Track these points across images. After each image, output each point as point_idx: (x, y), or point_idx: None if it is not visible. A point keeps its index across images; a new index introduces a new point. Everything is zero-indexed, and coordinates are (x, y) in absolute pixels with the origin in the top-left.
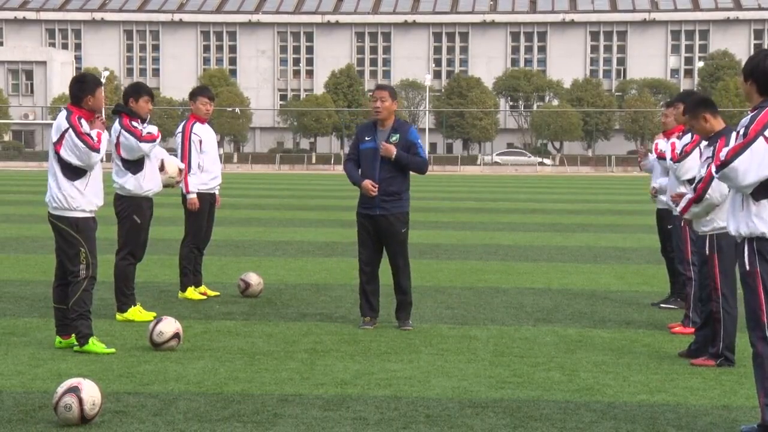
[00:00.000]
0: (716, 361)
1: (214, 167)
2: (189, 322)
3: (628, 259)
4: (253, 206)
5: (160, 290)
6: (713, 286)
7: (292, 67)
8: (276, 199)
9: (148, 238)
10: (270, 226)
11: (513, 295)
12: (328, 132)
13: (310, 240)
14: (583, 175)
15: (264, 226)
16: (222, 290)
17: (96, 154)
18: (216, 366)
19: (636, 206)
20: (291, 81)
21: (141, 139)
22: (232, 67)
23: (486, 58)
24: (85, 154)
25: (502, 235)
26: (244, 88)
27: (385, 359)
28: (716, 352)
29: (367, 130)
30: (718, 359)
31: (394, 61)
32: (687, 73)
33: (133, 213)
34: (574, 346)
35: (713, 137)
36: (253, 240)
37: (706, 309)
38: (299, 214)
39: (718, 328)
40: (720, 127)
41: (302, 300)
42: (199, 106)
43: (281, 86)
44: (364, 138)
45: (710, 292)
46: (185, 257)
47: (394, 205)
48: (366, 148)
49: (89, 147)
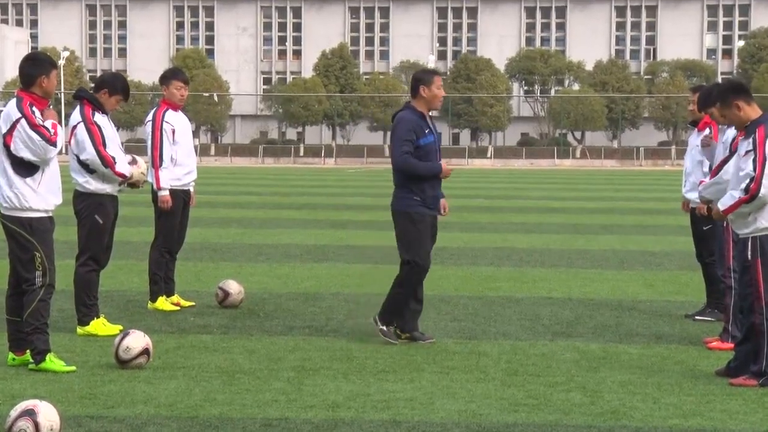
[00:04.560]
0: (758, 381)
1: (189, 160)
2: (160, 337)
3: (658, 265)
4: (232, 205)
5: (127, 300)
6: (756, 295)
7: (278, 47)
8: (259, 196)
9: (113, 241)
10: (252, 227)
11: (528, 305)
12: (318, 121)
13: (298, 243)
14: (608, 169)
15: (245, 227)
16: (197, 300)
17: (53, 149)
18: (190, 386)
19: (668, 204)
20: (276, 62)
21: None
22: (209, 47)
23: (497, 37)
24: (41, 148)
25: (515, 237)
26: (222, 70)
27: (383, 378)
28: (759, 370)
29: (422, 121)
30: (761, 378)
31: (393, 40)
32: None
33: (95, 212)
34: (598, 363)
35: (750, 126)
36: (233, 243)
37: (748, 321)
38: (285, 214)
39: (762, 342)
40: (756, 114)
41: (288, 311)
42: (173, 90)
43: (265, 68)
44: (423, 131)
45: (752, 302)
46: (155, 263)
47: None
48: (428, 143)
49: (46, 140)
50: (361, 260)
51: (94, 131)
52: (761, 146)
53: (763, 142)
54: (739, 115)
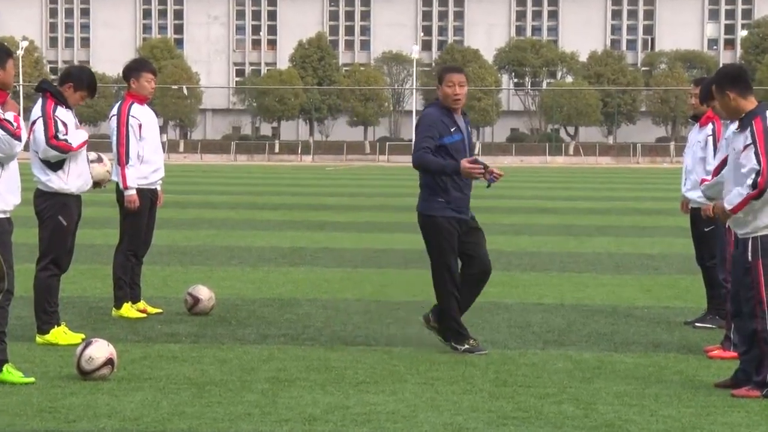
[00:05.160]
0: (762, 392)
1: (156, 157)
2: (125, 346)
3: (656, 269)
4: (203, 204)
5: (90, 307)
6: (758, 299)
7: (251, 37)
8: (231, 196)
9: (74, 243)
10: (224, 229)
11: (518, 312)
12: (294, 115)
13: (273, 245)
14: (603, 167)
15: (216, 229)
16: (165, 307)
17: (18, 143)
18: (158, 398)
19: (666, 204)
20: (249, 53)
21: (51, 141)
22: (178, 37)
23: (485, 26)
24: (6, 144)
25: (504, 239)
26: (192, 61)
27: (363, 390)
28: (762, 380)
29: (447, 118)
30: (765, 389)
31: (375, 29)
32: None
33: (58, 213)
34: (591, 373)
35: (745, 119)
36: (203, 246)
37: (749, 328)
38: (259, 215)
39: (766, 350)
40: (752, 106)
41: (262, 318)
42: (144, 83)
43: (237, 59)
44: (448, 129)
45: (754, 306)
46: (120, 267)
47: None
48: (454, 142)
49: (10, 134)
50: (341, 264)
51: (50, 124)
52: (761, 138)
53: (762, 133)
54: (729, 104)
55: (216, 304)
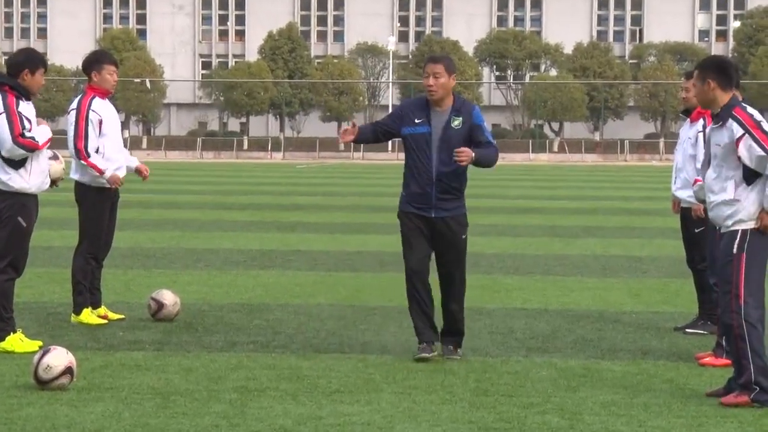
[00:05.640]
0: (750, 396)
1: (118, 155)
2: (85, 354)
3: (645, 272)
4: (167, 204)
5: (48, 312)
6: (735, 292)
7: (218, 27)
8: (197, 195)
9: (30, 245)
10: (189, 230)
11: (500, 317)
12: (263, 110)
13: (241, 248)
14: (589, 164)
15: (181, 230)
16: (127, 312)
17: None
18: (120, 409)
19: (655, 204)
20: (216, 45)
21: (18, 140)
22: (141, 27)
23: (465, 16)
24: None
25: (485, 241)
26: (156, 53)
27: (337, 400)
28: (747, 381)
29: (419, 109)
30: (752, 392)
31: (349, 19)
32: (719, 35)
33: (17, 214)
34: (577, 382)
35: (723, 112)
36: (168, 248)
37: (725, 325)
38: (227, 215)
39: (743, 347)
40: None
41: (230, 324)
42: (107, 76)
43: (204, 51)
44: (412, 120)
45: (730, 300)
46: (80, 270)
47: (454, 205)
48: (417, 134)
49: None
50: (313, 267)
51: (15, 121)
52: (752, 125)
53: (752, 120)
54: (707, 93)
55: (181, 309)
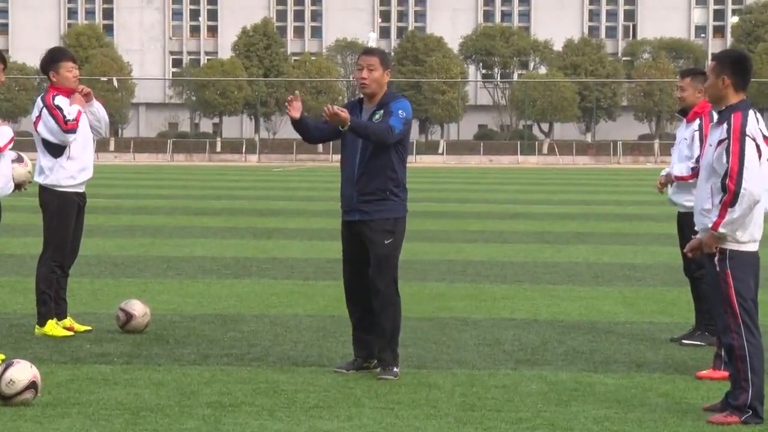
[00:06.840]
0: (740, 418)
1: (85, 155)
2: (50, 367)
3: (639, 280)
4: (136, 210)
5: (10, 324)
6: (731, 312)
7: (189, 23)
8: (168, 200)
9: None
10: (160, 237)
11: (487, 328)
12: (237, 110)
13: (215, 255)
14: (580, 167)
15: (152, 237)
16: (95, 324)
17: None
18: (87, 426)
19: (650, 209)
20: (188, 41)
21: None
22: (108, 22)
23: (450, 11)
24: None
25: (472, 247)
26: (123, 50)
27: (316, 416)
28: (741, 404)
29: (353, 108)
30: (743, 415)
31: (327, 14)
32: (717, 31)
33: None
34: (569, 396)
35: (725, 112)
36: (137, 256)
37: (726, 343)
38: (199, 221)
39: (743, 368)
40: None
41: (203, 336)
42: (65, 74)
43: (174, 48)
44: None
45: (728, 320)
46: (44, 279)
47: (378, 208)
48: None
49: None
50: (290, 276)
51: None
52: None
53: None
54: (719, 89)
55: (151, 320)
